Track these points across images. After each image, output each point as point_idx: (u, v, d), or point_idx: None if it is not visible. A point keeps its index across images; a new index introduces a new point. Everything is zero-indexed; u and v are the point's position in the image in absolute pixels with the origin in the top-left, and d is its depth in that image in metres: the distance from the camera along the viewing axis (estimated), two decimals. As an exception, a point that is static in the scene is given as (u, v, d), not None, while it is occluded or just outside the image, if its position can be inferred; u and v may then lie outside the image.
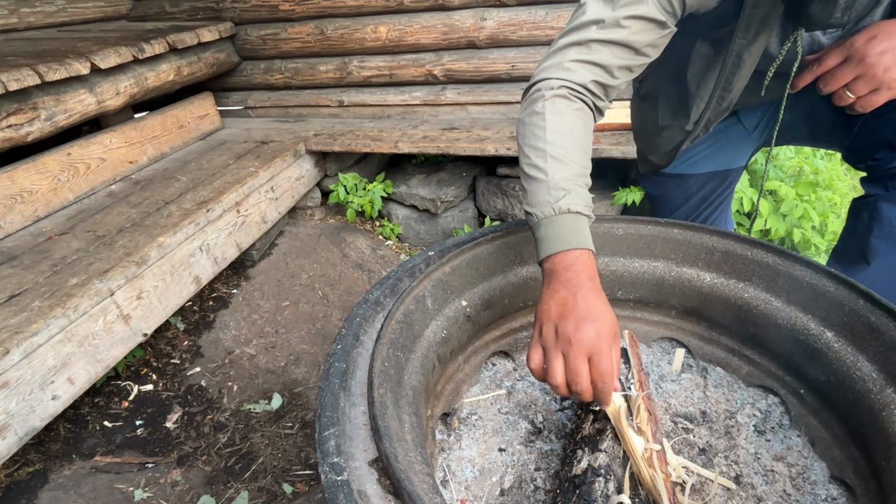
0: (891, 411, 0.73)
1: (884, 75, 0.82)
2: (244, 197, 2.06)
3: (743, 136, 1.29)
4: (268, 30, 2.72)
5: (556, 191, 0.81)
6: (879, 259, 1.01)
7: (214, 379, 1.73)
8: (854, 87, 0.85)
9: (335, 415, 0.75)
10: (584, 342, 0.71)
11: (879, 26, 0.83)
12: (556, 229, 0.80)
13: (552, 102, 0.86)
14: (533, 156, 0.85)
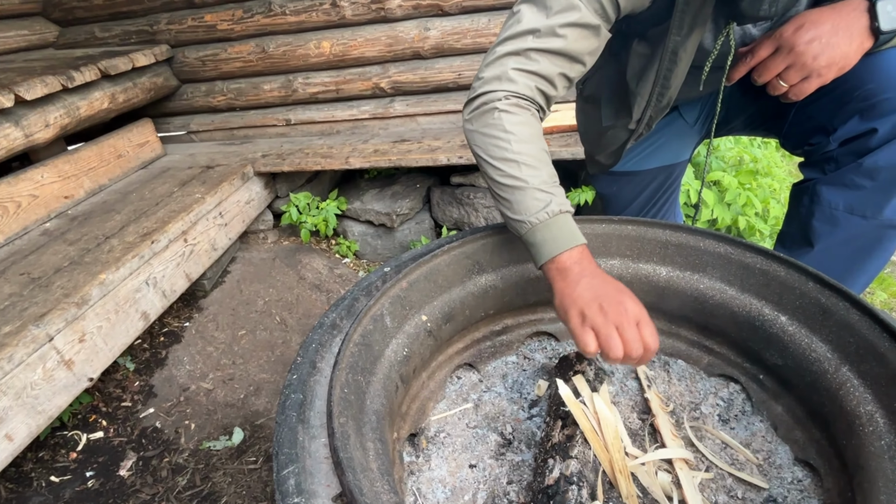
0: (847, 390, 0.74)
1: (813, 63, 0.83)
2: (191, 225, 1.98)
3: (685, 130, 1.32)
4: (206, 51, 2.63)
5: (541, 195, 0.86)
6: (822, 241, 1.03)
7: (170, 419, 1.64)
8: (786, 76, 0.87)
9: (293, 451, 0.71)
10: (630, 312, 0.77)
11: (805, 16, 0.85)
12: (552, 232, 0.85)
13: (508, 113, 0.89)
14: (505, 167, 0.88)
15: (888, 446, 0.65)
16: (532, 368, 1.10)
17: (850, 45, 0.83)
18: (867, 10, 0.82)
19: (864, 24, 0.83)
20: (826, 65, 0.83)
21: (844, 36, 0.82)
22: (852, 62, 0.85)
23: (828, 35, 0.83)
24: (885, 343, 0.71)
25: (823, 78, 0.85)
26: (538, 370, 1.09)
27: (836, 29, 0.83)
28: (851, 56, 0.84)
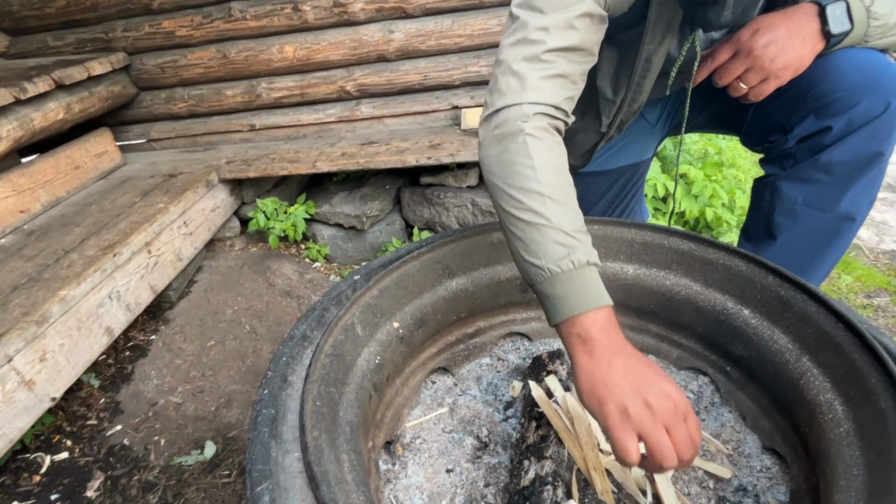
0: (808, 379, 0.77)
1: (770, 66, 0.87)
2: (155, 236, 1.92)
3: (647, 129, 1.34)
4: (165, 57, 2.56)
5: (565, 238, 0.72)
6: (784, 234, 1.07)
7: (138, 435, 1.59)
8: (745, 78, 0.91)
9: (267, 467, 0.70)
10: (680, 406, 0.63)
11: (760, 20, 0.90)
12: (575, 286, 0.71)
13: (534, 137, 0.77)
14: (526, 200, 0.74)
15: (846, 433, 0.68)
16: (506, 370, 1.10)
17: (803, 47, 0.87)
18: (818, 14, 0.87)
19: (816, 27, 0.87)
20: (782, 67, 0.87)
21: (798, 39, 0.87)
22: (806, 64, 0.89)
23: (783, 38, 0.86)
24: (841, 333, 0.74)
25: (780, 79, 0.89)
26: (512, 371, 1.10)
27: (789, 33, 0.87)
28: (805, 58, 0.88)
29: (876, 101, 0.90)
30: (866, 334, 0.71)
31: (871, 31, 0.90)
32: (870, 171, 0.96)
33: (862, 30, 0.89)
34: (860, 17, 0.87)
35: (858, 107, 0.91)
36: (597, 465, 0.83)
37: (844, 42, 0.90)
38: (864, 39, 0.91)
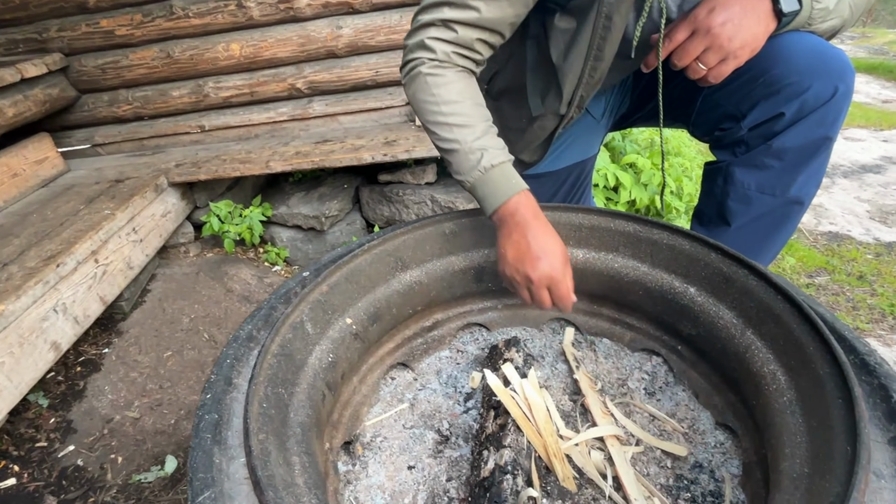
0: (752, 352, 0.79)
1: (729, 45, 0.85)
2: (102, 244, 1.84)
3: (593, 125, 1.34)
4: (106, 58, 2.46)
5: (473, 154, 0.91)
6: (738, 220, 1.08)
7: (93, 455, 1.52)
8: (705, 58, 0.87)
9: (209, 475, 0.67)
10: (542, 278, 0.87)
11: (696, 7, 0.87)
12: (489, 187, 0.91)
13: (431, 76, 0.93)
14: (439, 131, 0.93)
15: (790, 402, 0.69)
16: (466, 361, 1.10)
17: (758, 26, 0.85)
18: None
19: (768, 6, 0.86)
20: (740, 46, 0.85)
21: (752, 17, 0.85)
22: (761, 43, 0.87)
23: (738, 17, 0.85)
24: (780, 304, 0.76)
25: (739, 60, 0.87)
26: (472, 362, 1.09)
27: (744, 10, 0.85)
28: (760, 37, 0.87)
29: (825, 86, 0.91)
30: (803, 304, 0.72)
31: (814, 13, 0.89)
32: (818, 156, 0.98)
33: (807, 11, 0.89)
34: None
35: (809, 92, 0.91)
36: (557, 451, 0.83)
37: (792, 24, 0.90)
38: (807, 22, 0.91)
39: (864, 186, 3.08)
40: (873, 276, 2.17)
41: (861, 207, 2.82)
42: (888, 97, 5.22)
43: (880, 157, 3.52)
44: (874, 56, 6.98)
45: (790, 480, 0.60)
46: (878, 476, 0.56)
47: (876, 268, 2.22)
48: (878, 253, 2.36)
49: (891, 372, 0.67)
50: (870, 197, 2.94)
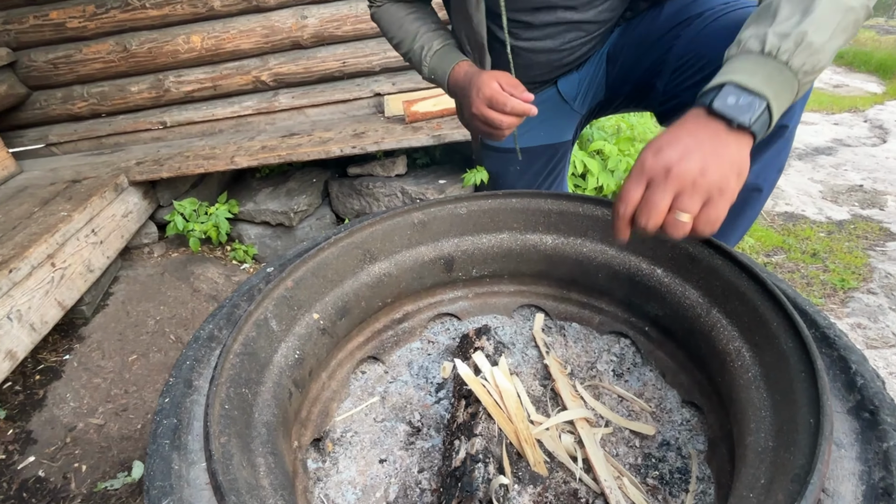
0: (718, 330, 0.79)
1: (705, 179, 0.64)
2: (58, 247, 1.77)
3: (565, 109, 1.34)
4: (58, 52, 2.36)
5: (419, 52, 1.17)
6: None
7: (55, 465, 1.46)
8: (681, 204, 0.65)
9: (167, 482, 0.64)
10: (475, 105, 1.01)
11: (656, 141, 0.70)
12: (438, 67, 1.14)
13: (376, 14, 1.26)
14: (397, 49, 1.24)
15: (754, 377, 0.70)
16: (437, 352, 1.08)
17: (727, 149, 0.66)
18: (707, 114, 0.68)
19: (719, 127, 0.67)
20: (721, 176, 0.65)
21: (712, 143, 0.66)
22: (745, 166, 0.67)
23: (695, 146, 0.66)
24: (745, 282, 0.76)
25: (727, 193, 0.66)
26: (443, 352, 1.08)
27: (699, 140, 0.67)
28: (738, 159, 0.67)
29: None
30: (767, 281, 0.73)
31: (804, 76, 0.68)
32: (774, 144, 0.97)
33: (791, 85, 0.67)
34: (776, 79, 0.66)
35: None
36: (528, 437, 0.83)
37: (790, 103, 0.70)
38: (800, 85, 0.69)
39: (816, 168, 3.17)
40: (825, 253, 2.24)
41: (814, 188, 2.90)
42: (839, 82, 5.38)
43: (832, 140, 3.63)
44: (831, 42, 7.19)
45: (755, 454, 0.61)
46: (838, 446, 0.57)
47: (828, 245, 2.29)
48: (829, 231, 2.43)
49: (849, 344, 0.68)
50: (822, 178, 3.03)
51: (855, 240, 2.34)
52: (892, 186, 2.86)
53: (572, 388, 0.92)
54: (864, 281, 2.03)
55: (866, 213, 2.60)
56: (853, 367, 0.65)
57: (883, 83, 5.25)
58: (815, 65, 0.67)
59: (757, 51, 0.68)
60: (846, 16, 0.67)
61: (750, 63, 0.68)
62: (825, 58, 0.67)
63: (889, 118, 3.98)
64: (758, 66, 0.67)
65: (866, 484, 0.54)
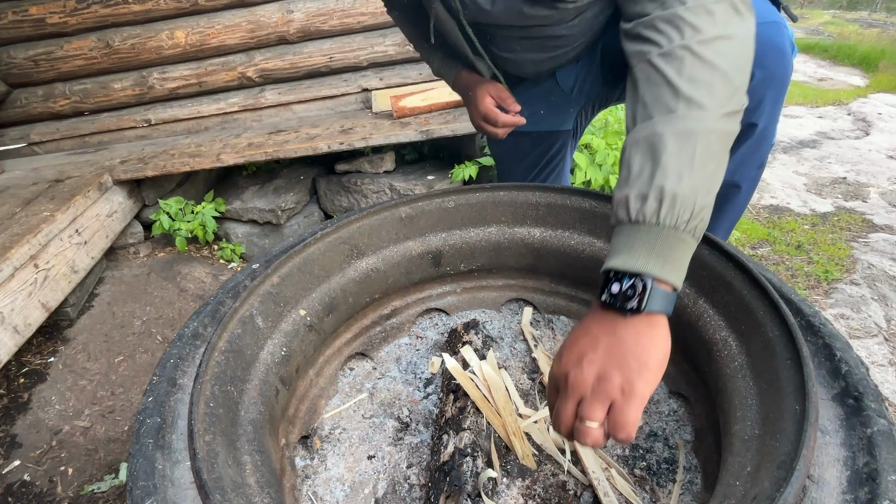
0: (705, 320, 0.79)
1: (602, 386, 0.58)
2: (41, 248, 1.74)
3: (563, 96, 1.34)
4: (38, 49, 2.32)
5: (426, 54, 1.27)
6: None
7: (41, 468, 1.44)
8: (584, 413, 0.58)
9: (151, 482, 0.63)
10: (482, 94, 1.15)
11: (564, 343, 0.65)
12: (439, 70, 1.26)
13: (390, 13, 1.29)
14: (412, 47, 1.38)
15: (741, 366, 0.70)
16: (425, 347, 1.08)
17: (624, 345, 0.59)
18: (602, 307, 0.61)
19: (616, 318, 0.60)
20: (623, 378, 0.57)
21: (607, 342, 0.60)
22: (652, 360, 0.58)
23: (590, 348, 0.60)
24: (731, 272, 0.76)
25: (634, 395, 0.57)
26: (431, 348, 1.07)
27: (594, 340, 0.61)
28: (643, 352, 0.58)
29: None
30: (753, 270, 0.73)
31: (688, 225, 0.60)
32: (745, 142, 0.97)
33: (678, 241, 0.60)
34: (657, 246, 0.59)
35: None
36: (516, 430, 0.83)
37: (691, 253, 0.62)
38: (685, 231, 0.60)
39: (801, 161, 3.21)
40: (810, 245, 2.26)
41: (799, 181, 2.93)
42: (823, 75, 5.44)
43: (816, 133, 3.67)
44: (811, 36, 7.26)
45: (742, 442, 0.61)
46: (823, 432, 0.57)
47: (812, 237, 2.32)
48: (814, 223, 2.46)
49: (834, 331, 0.69)
50: (807, 171, 3.06)
51: (838, 231, 2.37)
52: (874, 178, 2.89)
53: None
54: (848, 272, 2.06)
55: (850, 205, 2.63)
56: (838, 355, 0.65)
57: (866, 76, 5.31)
58: (694, 211, 0.59)
59: (626, 220, 0.61)
60: (705, 142, 0.60)
61: (625, 236, 0.61)
62: (702, 197, 0.60)
63: (872, 111, 4.03)
64: (633, 238, 0.60)
65: (851, 469, 0.54)
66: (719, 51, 0.62)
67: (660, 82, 0.63)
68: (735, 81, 0.62)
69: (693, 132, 0.60)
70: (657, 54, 0.65)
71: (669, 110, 0.62)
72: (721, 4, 0.64)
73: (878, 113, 3.97)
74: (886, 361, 1.62)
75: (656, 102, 0.63)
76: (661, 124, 0.61)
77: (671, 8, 0.65)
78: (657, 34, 0.65)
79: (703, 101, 0.61)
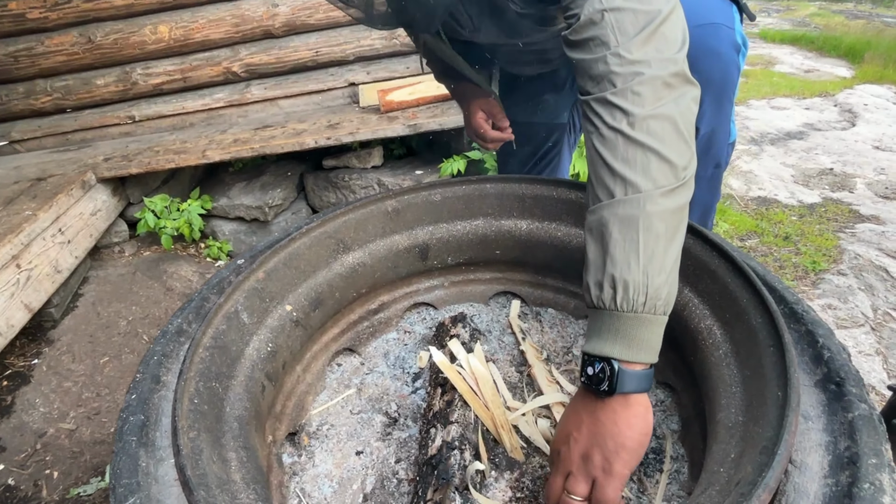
0: (690, 309, 0.80)
1: (585, 465, 0.62)
2: (23, 247, 1.71)
3: (558, 90, 1.34)
4: (18, 45, 2.28)
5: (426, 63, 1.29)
6: None
7: (25, 472, 1.42)
8: (570, 488, 0.63)
9: (134, 480, 0.62)
10: None
11: (559, 420, 0.71)
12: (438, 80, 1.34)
13: None
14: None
15: (725, 354, 0.71)
16: (413, 341, 1.07)
17: (603, 426, 0.61)
18: (584, 388, 0.64)
19: (595, 399, 0.63)
20: (602, 458, 0.61)
21: (589, 423, 0.63)
22: (631, 434, 0.61)
23: (575, 428, 0.64)
24: (715, 260, 0.77)
25: (613, 476, 0.60)
26: (419, 342, 1.07)
27: (579, 420, 0.64)
28: (617, 431, 0.61)
29: None
30: (737, 259, 0.73)
31: (647, 308, 0.61)
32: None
33: (640, 324, 0.61)
34: (621, 329, 0.61)
35: None
36: (504, 423, 0.82)
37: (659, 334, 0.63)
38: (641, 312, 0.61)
39: (788, 152, 3.23)
40: (797, 236, 2.28)
41: (786, 172, 2.95)
42: (810, 67, 5.47)
43: (803, 124, 3.70)
44: (797, 28, 7.30)
45: (726, 430, 0.61)
46: (805, 418, 0.58)
47: (800, 228, 2.34)
48: (801, 214, 2.48)
49: (817, 318, 0.69)
50: (794, 162, 3.09)
51: (826, 222, 2.39)
52: (860, 169, 2.92)
53: (548, 373, 0.92)
54: (835, 262, 2.08)
55: (836, 195, 2.66)
56: (820, 341, 0.66)
57: (852, 67, 5.35)
58: (649, 294, 0.60)
59: (591, 305, 0.64)
60: (647, 225, 0.60)
61: (593, 320, 0.64)
62: (655, 277, 0.60)
63: (858, 102, 4.06)
64: (600, 322, 0.63)
65: (832, 454, 0.55)
66: (650, 131, 0.61)
67: (600, 164, 0.64)
68: (671, 158, 0.61)
69: (633, 218, 0.60)
70: (595, 136, 0.65)
71: (610, 194, 0.62)
72: (648, 85, 0.62)
73: (864, 104, 4.00)
74: (873, 350, 1.64)
75: (599, 184, 0.64)
76: (606, 210, 0.63)
77: (604, 91, 0.64)
78: (594, 116, 0.66)
79: (638, 184, 0.61)
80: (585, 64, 0.67)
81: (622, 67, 0.63)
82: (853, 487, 0.50)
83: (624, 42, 0.63)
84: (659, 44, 0.64)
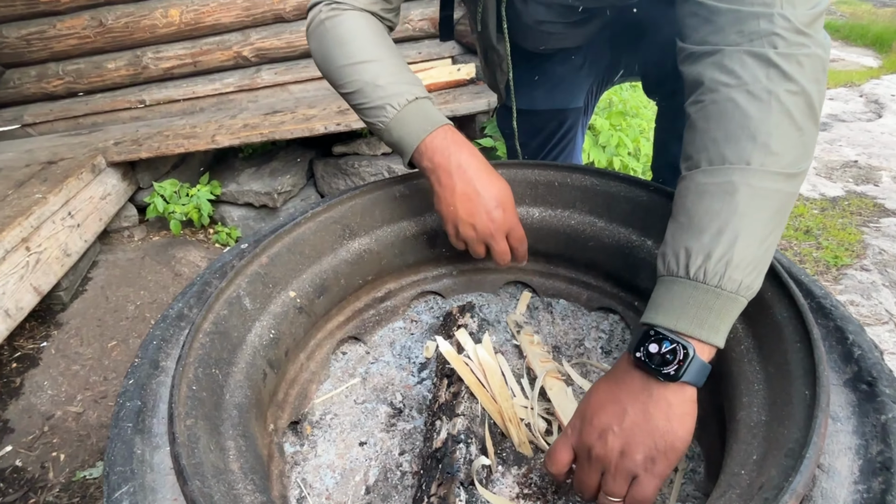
0: (709, 303, 0.76)
1: (624, 462, 0.57)
2: (33, 230, 1.71)
3: (573, 73, 1.30)
4: (30, 28, 2.27)
5: (385, 91, 0.81)
6: None
7: (33, 454, 1.43)
8: (606, 486, 0.59)
9: (128, 467, 0.60)
10: (498, 224, 0.83)
11: (585, 402, 0.64)
12: (407, 125, 0.81)
13: (330, 20, 0.84)
14: (343, 75, 0.84)
15: (747, 350, 0.67)
16: (420, 331, 1.05)
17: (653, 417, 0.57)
18: (634, 366, 0.59)
19: (649, 380, 0.58)
20: (645, 455, 0.56)
21: (635, 410, 0.58)
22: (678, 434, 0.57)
23: (617, 418, 0.58)
24: (738, 251, 0.73)
25: (653, 474, 0.57)
26: (426, 331, 1.04)
27: (622, 407, 0.59)
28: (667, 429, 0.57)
29: None
30: (761, 250, 0.69)
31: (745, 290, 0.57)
32: None
33: (731, 306, 0.57)
34: (709, 310, 0.56)
35: None
36: (512, 416, 0.80)
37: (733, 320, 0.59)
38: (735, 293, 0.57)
39: (813, 144, 3.15)
40: (819, 230, 2.21)
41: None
42: (835, 56, 5.32)
43: (826, 115, 3.59)
44: (825, 18, 7.12)
45: (748, 429, 0.58)
46: (834, 419, 0.54)
47: (821, 222, 2.27)
48: (823, 208, 2.41)
49: (846, 314, 0.65)
50: (816, 154, 3.00)
51: (849, 216, 2.32)
52: (886, 162, 2.83)
53: (542, 355, 0.89)
54: (858, 258, 2.01)
55: (860, 189, 2.58)
56: (850, 338, 0.62)
57: (879, 57, 5.20)
58: (755, 277, 0.57)
59: (683, 275, 0.57)
60: (778, 204, 0.57)
61: (675, 293, 0.58)
62: (766, 262, 0.58)
63: (885, 92, 3.94)
64: (684, 296, 0.57)
65: (863, 458, 0.51)
66: (799, 106, 0.57)
67: (740, 123, 0.58)
68: (808, 142, 0.58)
69: (768, 192, 0.56)
70: (742, 90, 0.58)
71: (746, 160, 0.56)
72: (813, 60, 0.58)
73: (891, 94, 3.88)
74: (896, 348, 1.59)
75: (731, 144, 0.58)
76: (737, 175, 0.56)
77: (761, 48, 0.58)
78: (742, 68, 0.58)
79: (780, 157, 0.56)
80: (739, 15, 0.59)
81: (789, 34, 0.57)
82: (887, 495, 0.46)
83: (789, 9, 0.58)
84: (820, 26, 0.60)
